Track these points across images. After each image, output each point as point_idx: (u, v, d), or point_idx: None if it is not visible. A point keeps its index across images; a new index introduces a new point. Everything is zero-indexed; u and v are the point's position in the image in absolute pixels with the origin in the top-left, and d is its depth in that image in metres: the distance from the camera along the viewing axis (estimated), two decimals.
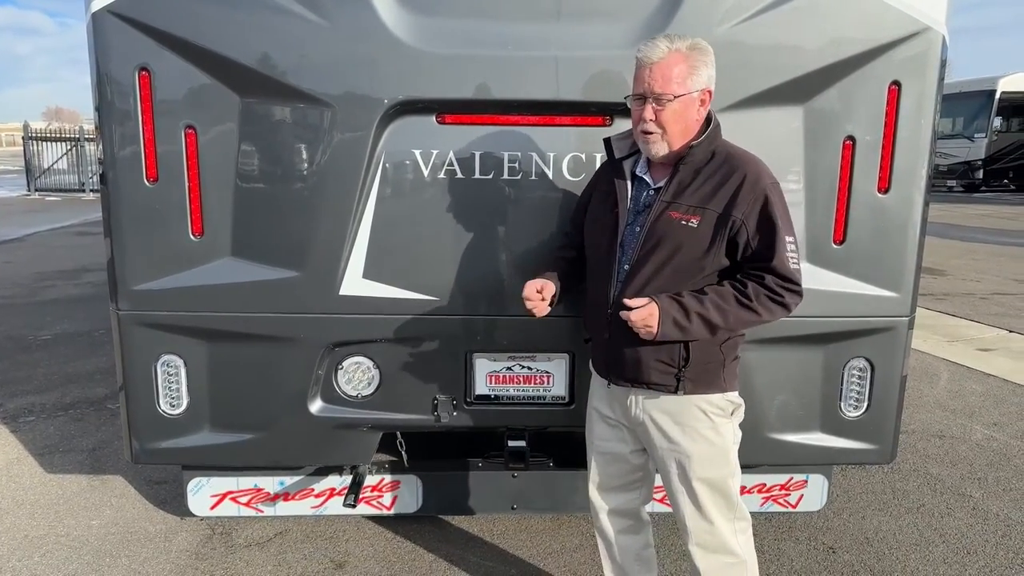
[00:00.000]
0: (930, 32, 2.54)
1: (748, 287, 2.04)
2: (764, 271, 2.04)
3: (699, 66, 2.02)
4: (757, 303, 2.03)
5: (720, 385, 2.19)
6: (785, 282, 2.04)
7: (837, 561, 3.21)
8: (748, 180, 2.03)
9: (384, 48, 2.48)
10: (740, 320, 2.06)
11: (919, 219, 2.67)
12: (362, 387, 2.80)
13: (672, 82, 1.99)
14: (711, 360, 2.15)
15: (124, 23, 2.44)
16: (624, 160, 2.21)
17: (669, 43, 2.00)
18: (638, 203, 2.17)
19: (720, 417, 2.19)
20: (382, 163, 2.57)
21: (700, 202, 2.05)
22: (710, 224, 2.04)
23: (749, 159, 2.10)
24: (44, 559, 3.19)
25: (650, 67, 2.00)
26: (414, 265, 2.66)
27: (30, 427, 4.61)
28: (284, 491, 3.07)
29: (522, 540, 3.35)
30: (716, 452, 2.19)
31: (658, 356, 2.12)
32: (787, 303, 2.06)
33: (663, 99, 2.00)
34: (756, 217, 2.03)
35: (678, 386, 2.13)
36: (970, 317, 7.64)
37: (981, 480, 3.99)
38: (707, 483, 2.19)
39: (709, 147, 2.08)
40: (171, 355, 2.71)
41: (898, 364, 2.80)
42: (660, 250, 2.08)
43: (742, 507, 2.27)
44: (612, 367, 2.23)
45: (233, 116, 2.53)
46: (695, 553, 2.24)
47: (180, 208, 2.58)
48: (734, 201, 2.03)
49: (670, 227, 2.07)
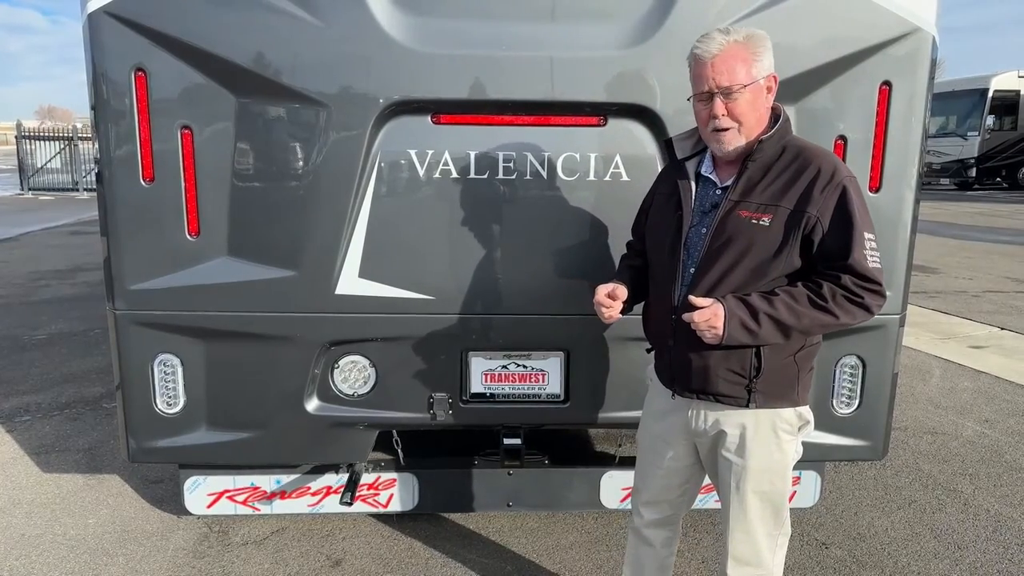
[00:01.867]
0: (920, 33, 2.56)
1: (823, 287, 1.90)
2: (840, 270, 1.90)
3: (761, 52, 1.92)
4: (833, 304, 1.89)
5: (793, 399, 2.06)
6: (864, 281, 1.89)
7: (829, 557, 3.23)
8: (823, 174, 1.91)
9: (379, 48, 2.49)
10: (816, 323, 1.91)
11: (910, 218, 2.70)
12: (358, 386, 2.81)
13: (738, 72, 1.88)
14: (785, 371, 2.02)
15: (120, 24, 2.45)
16: (687, 161, 2.12)
17: (725, 35, 1.90)
18: (704, 203, 2.05)
19: (787, 434, 2.08)
20: (378, 163, 2.59)
21: (772, 199, 1.93)
22: (782, 222, 1.92)
23: (823, 153, 1.99)
24: (41, 558, 3.19)
25: (711, 62, 1.89)
26: (410, 264, 2.67)
27: (26, 427, 4.61)
28: (281, 489, 3.08)
29: (518, 538, 3.36)
30: (776, 468, 2.10)
31: (728, 365, 1.99)
32: (867, 304, 1.90)
33: (732, 92, 1.89)
34: (832, 213, 1.90)
35: (749, 399, 2.00)
36: (962, 314, 7.69)
37: (972, 476, 4.02)
38: (760, 496, 2.09)
39: (779, 142, 1.98)
40: (168, 354, 2.72)
41: (889, 361, 2.83)
42: (729, 251, 1.96)
43: (787, 523, 2.19)
44: (677, 377, 2.11)
45: (229, 116, 2.55)
46: (729, 563, 2.16)
47: (176, 208, 2.59)
48: (808, 197, 1.90)
49: (740, 226, 1.95)
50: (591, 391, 2.84)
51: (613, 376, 2.83)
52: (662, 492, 2.32)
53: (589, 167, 2.62)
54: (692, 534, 3.37)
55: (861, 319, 1.94)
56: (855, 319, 1.93)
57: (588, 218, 2.67)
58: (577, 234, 2.69)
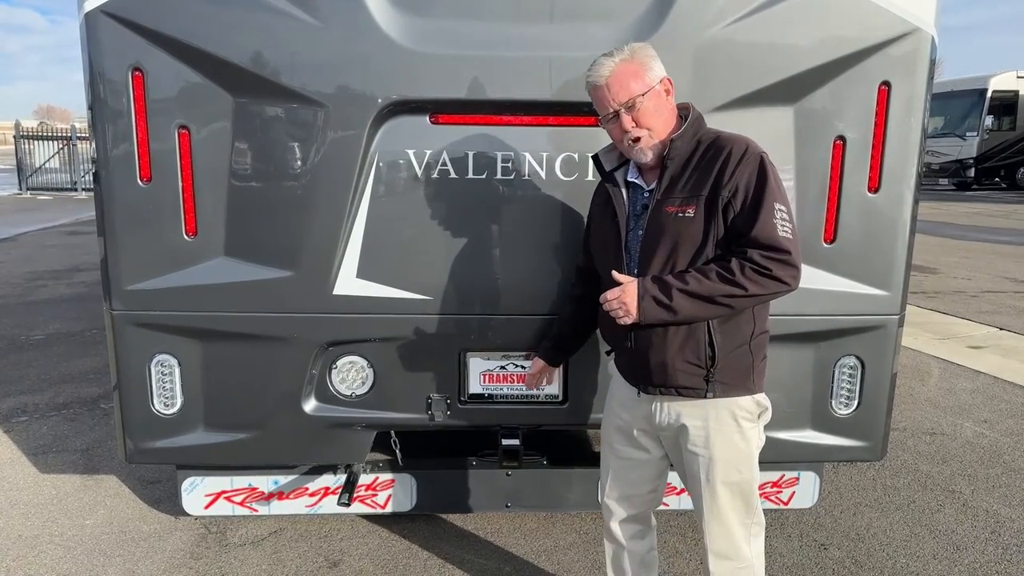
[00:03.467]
0: (919, 33, 2.56)
1: (732, 262, 1.94)
2: (747, 244, 1.94)
3: (648, 61, 2.04)
4: (742, 276, 1.91)
5: (749, 387, 2.13)
6: (771, 252, 1.91)
7: (828, 558, 3.23)
8: (733, 154, 1.99)
9: (377, 48, 2.48)
10: (730, 296, 1.94)
11: (909, 218, 2.70)
12: (356, 386, 2.80)
13: (632, 86, 2.00)
14: (740, 360, 2.10)
15: (117, 23, 2.45)
16: (615, 171, 2.23)
17: (610, 58, 2.02)
18: (636, 207, 2.16)
19: (748, 422, 2.14)
20: (375, 163, 2.58)
21: (693, 191, 2.02)
22: (703, 209, 2.00)
23: (735, 137, 2.05)
24: (38, 559, 3.18)
25: (607, 84, 2.01)
26: (408, 265, 2.66)
27: (23, 427, 4.60)
28: (278, 490, 3.07)
29: (516, 538, 3.36)
30: (741, 457, 2.15)
31: (684, 357, 2.06)
32: (778, 275, 1.92)
33: (634, 104, 2.01)
34: (741, 187, 1.97)
35: (707, 388, 2.07)
36: (961, 315, 7.69)
37: (971, 477, 4.02)
38: (729, 487, 2.15)
39: (692, 137, 2.06)
40: (165, 355, 2.71)
41: (888, 362, 2.82)
42: (662, 246, 2.05)
43: (759, 512, 2.24)
44: (640, 376, 2.17)
45: (226, 116, 2.54)
46: (709, 558, 2.21)
47: (174, 208, 2.58)
48: (721, 179, 1.98)
49: (668, 221, 2.04)
50: (589, 392, 2.84)
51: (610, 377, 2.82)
52: (629, 487, 2.37)
53: (587, 167, 2.61)
54: (691, 534, 3.37)
55: (775, 290, 1.95)
56: (767, 290, 1.94)
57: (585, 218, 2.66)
58: (575, 234, 2.67)
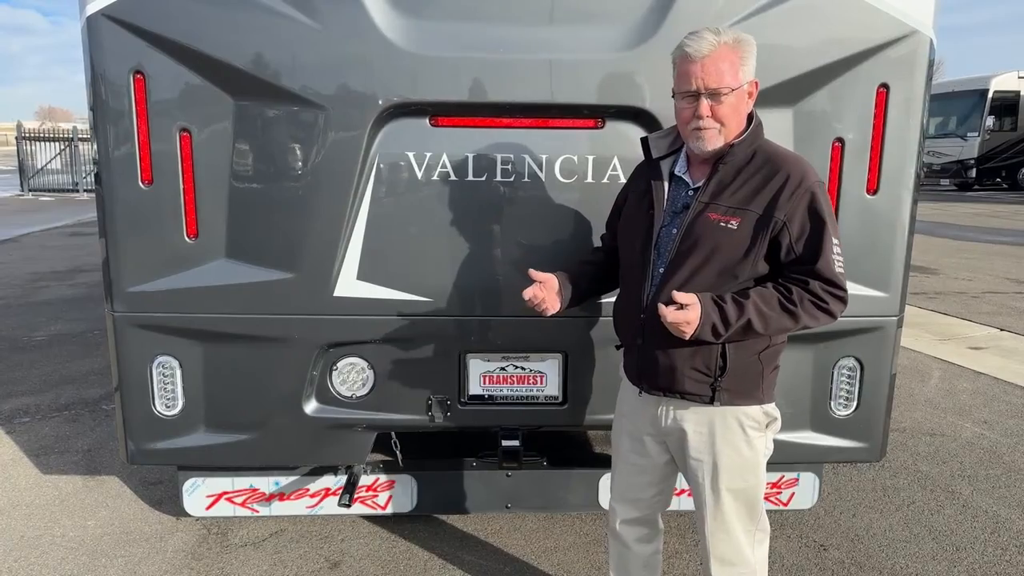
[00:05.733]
0: (917, 35, 2.57)
1: (793, 291, 1.93)
2: (808, 275, 1.94)
3: (748, 56, 1.94)
4: (801, 308, 1.93)
5: (758, 397, 2.09)
6: (830, 287, 1.94)
7: (828, 558, 3.24)
8: (792, 180, 1.94)
9: (377, 51, 2.49)
10: (781, 327, 1.96)
11: (908, 219, 2.71)
12: (356, 388, 2.81)
13: (726, 75, 1.89)
14: (749, 370, 2.05)
15: (119, 26, 2.46)
16: (662, 160, 2.13)
17: (715, 36, 1.90)
18: (675, 204, 2.08)
19: (755, 431, 2.11)
20: (376, 165, 2.59)
21: (741, 203, 1.96)
22: (750, 226, 1.95)
23: (793, 159, 2.02)
24: (40, 560, 3.19)
25: (701, 62, 1.89)
26: (408, 266, 2.67)
27: (25, 428, 4.61)
28: (279, 491, 3.08)
29: (516, 539, 3.37)
30: (746, 464, 2.12)
31: (693, 364, 2.02)
32: (832, 310, 1.95)
33: (720, 94, 1.91)
34: (800, 218, 1.94)
35: (714, 396, 2.03)
36: (962, 315, 7.69)
37: (971, 477, 4.02)
38: (733, 494, 2.12)
39: (751, 146, 2.00)
40: (166, 356, 2.73)
41: (887, 363, 2.83)
42: (697, 252, 1.99)
43: (764, 518, 2.21)
44: (644, 375, 2.14)
45: (227, 119, 2.55)
46: (712, 564, 2.19)
47: (175, 210, 2.59)
48: (776, 202, 1.94)
49: (708, 228, 1.98)
50: (589, 393, 2.85)
51: (611, 378, 2.81)
52: (634, 490, 2.35)
53: (587, 169, 2.63)
54: (691, 535, 3.37)
55: (822, 323, 1.99)
56: (817, 323, 1.98)
57: (586, 220, 2.67)
58: (574, 236, 2.69)
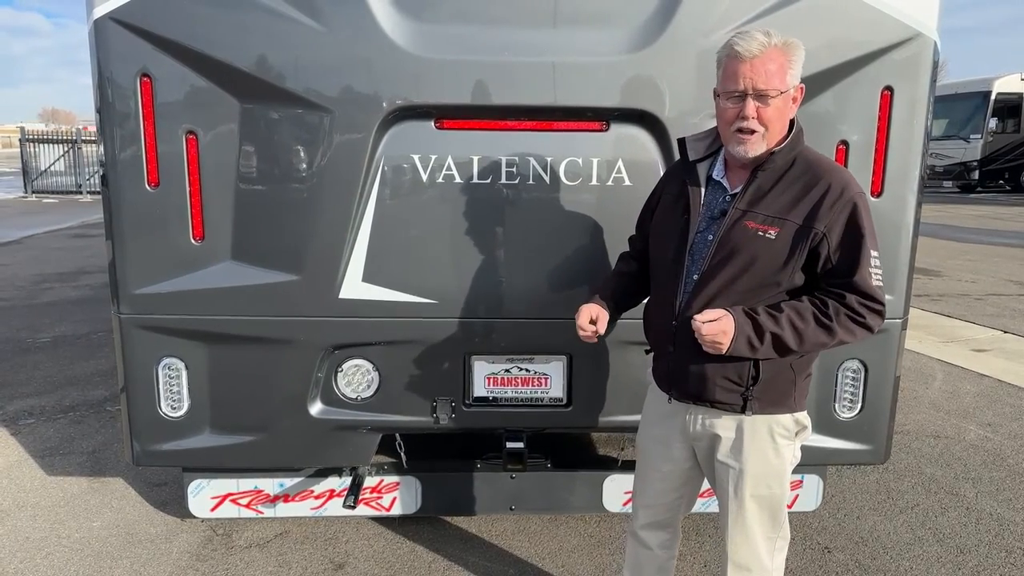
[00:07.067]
0: (921, 38, 2.57)
1: (829, 305, 1.89)
2: (846, 288, 1.89)
3: (796, 60, 1.89)
4: (837, 323, 1.88)
5: (790, 405, 2.06)
6: (868, 301, 1.89)
7: (832, 561, 3.23)
8: (833, 189, 1.89)
9: (383, 54, 2.50)
10: (816, 342, 1.91)
11: (912, 222, 2.71)
12: (361, 389, 2.82)
13: (774, 77, 1.85)
14: (781, 378, 2.01)
15: (126, 29, 2.47)
16: (699, 163, 2.08)
17: (766, 37, 1.85)
18: (712, 209, 2.02)
19: (784, 439, 2.07)
20: (381, 168, 2.60)
21: (780, 212, 1.91)
22: (789, 236, 1.90)
23: (834, 168, 1.98)
24: (45, 561, 3.20)
25: (751, 62, 1.84)
26: (413, 269, 2.68)
27: (30, 430, 4.62)
28: (284, 492, 3.09)
29: (520, 541, 3.37)
30: (772, 472, 2.09)
31: (725, 373, 1.99)
32: (869, 324, 1.90)
33: (767, 96, 1.86)
34: (840, 229, 1.89)
35: (745, 406, 2.00)
36: (965, 318, 7.68)
37: (975, 480, 4.02)
38: (758, 500, 2.09)
39: (791, 152, 1.95)
40: (172, 358, 2.74)
41: (891, 365, 2.83)
42: (733, 262, 1.94)
43: (786, 526, 2.19)
44: (675, 382, 2.11)
45: (233, 121, 2.56)
46: (729, 568, 2.16)
47: (181, 212, 2.60)
48: (816, 212, 1.88)
49: (745, 237, 1.92)
50: (594, 395, 2.85)
51: (615, 380, 2.83)
52: (660, 495, 2.32)
53: (592, 172, 2.63)
54: (695, 537, 3.37)
55: (859, 337, 1.94)
56: (853, 338, 1.93)
57: (591, 223, 2.68)
58: (579, 239, 2.70)
